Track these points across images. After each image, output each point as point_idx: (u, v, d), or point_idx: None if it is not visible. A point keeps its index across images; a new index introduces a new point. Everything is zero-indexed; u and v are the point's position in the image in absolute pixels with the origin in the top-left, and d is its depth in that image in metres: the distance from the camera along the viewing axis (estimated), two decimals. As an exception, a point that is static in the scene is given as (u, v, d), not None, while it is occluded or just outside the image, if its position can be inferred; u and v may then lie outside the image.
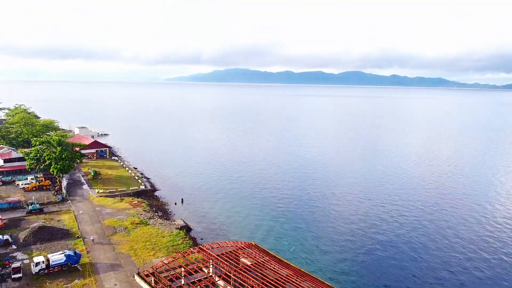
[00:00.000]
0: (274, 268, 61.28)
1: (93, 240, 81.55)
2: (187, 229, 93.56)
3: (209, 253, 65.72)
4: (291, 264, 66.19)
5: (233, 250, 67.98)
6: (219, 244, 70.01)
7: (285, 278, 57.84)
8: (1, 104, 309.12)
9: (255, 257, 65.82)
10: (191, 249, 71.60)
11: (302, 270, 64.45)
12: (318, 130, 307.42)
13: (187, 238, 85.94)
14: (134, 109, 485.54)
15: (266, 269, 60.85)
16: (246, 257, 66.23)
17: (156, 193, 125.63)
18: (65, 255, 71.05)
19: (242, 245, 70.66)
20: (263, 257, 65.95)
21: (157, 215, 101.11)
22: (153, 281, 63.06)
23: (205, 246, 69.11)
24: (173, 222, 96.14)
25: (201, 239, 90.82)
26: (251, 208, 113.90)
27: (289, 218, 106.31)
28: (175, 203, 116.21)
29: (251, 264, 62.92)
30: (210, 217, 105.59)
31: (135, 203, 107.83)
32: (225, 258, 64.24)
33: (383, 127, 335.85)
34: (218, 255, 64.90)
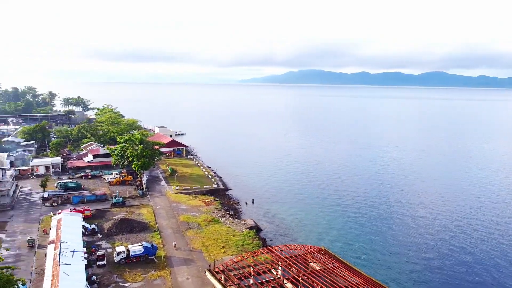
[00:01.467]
0: (344, 275, 59.62)
1: (174, 245, 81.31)
2: (257, 229, 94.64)
3: (278, 255, 65.71)
4: (362, 273, 63.89)
5: (302, 254, 67.30)
6: (288, 247, 69.75)
7: (355, 286, 56.02)
8: (92, 104, 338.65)
9: (324, 262, 64.57)
10: (260, 249, 72.16)
11: (374, 279, 61.94)
12: (394, 134, 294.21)
13: (257, 239, 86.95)
14: (209, 110, 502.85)
15: (335, 276, 59.41)
16: (315, 262, 65.23)
17: (228, 192, 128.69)
18: (143, 246, 75.51)
19: (311, 250, 69.72)
20: (333, 263, 64.46)
21: (229, 214, 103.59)
22: (223, 278, 64.51)
23: (274, 248, 69.25)
24: (243, 222, 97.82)
25: (271, 240, 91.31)
26: (322, 212, 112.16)
27: (361, 224, 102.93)
28: (246, 203, 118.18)
29: (320, 269, 61.83)
30: (280, 219, 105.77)
31: (208, 201, 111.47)
32: (294, 261, 63.80)
33: (466, 132, 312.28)
34: (287, 258, 64.67)
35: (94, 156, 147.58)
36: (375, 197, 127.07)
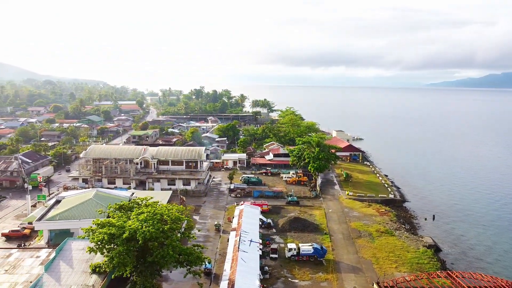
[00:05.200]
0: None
1: None
2: (435, 249, 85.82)
3: (459, 282, 58.29)
4: None
5: (490, 287, 58.04)
6: (472, 275, 61.15)
7: None
8: (275, 106, 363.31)
9: (520, 302, 54.30)
10: (438, 272, 65.35)
11: None
12: None
13: (435, 259, 78.79)
14: (390, 115, 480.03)
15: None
16: (508, 299, 55.43)
17: (405, 205, 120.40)
18: (313, 247, 77.01)
19: (503, 283, 59.45)
20: (532, 305, 53.67)
21: (404, 227, 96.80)
22: (392, 295, 60.85)
23: (454, 273, 61.75)
24: (420, 238, 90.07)
25: (452, 264, 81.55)
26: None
27: None
28: (425, 219, 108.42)
29: (513, 309, 52.26)
30: (466, 242, 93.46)
31: (382, 211, 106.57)
32: (479, 293, 55.56)
33: None
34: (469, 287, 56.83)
35: (275, 155, 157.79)
36: None
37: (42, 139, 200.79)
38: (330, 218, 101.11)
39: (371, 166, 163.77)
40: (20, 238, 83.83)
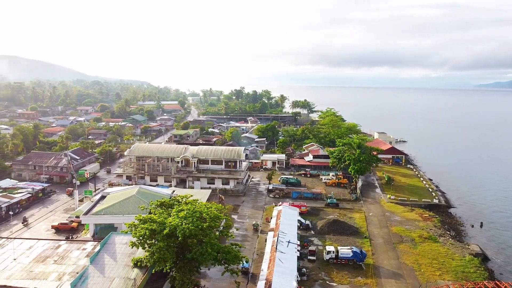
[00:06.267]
0: None
1: None
2: (483, 257, 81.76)
3: (509, 294, 55.16)
4: None
5: (544, 300, 54.56)
6: (524, 287, 57.73)
7: None
8: (316, 107, 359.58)
9: None
10: (485, 282, 62.23)
11: None
12: None
13: (482, 269, 74.97)
14: (437, 117, 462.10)
15: None
16: None
17: (451, 210, 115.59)
18: (352, 251, 75.57)
19: (558, 297, 55.72)
20: None
21: (449, 234, 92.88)
22: (435, 304, 58.55)
23: (503, 284, 58.54)
24: (466, 246, 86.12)
25: (500, 274, 77.32)
26: None
27: None
28: (472, 226, 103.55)
29: None
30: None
31: (425, 216, 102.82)
32: (531, 306, 52.34)
33: None
34: (521, 300, 53.66)
35: (314, 157, 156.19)
36: None
37: (90, 137, 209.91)
38: (370, 221, 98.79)
39: (414, 170, 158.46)
40: (68, 230, 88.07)
